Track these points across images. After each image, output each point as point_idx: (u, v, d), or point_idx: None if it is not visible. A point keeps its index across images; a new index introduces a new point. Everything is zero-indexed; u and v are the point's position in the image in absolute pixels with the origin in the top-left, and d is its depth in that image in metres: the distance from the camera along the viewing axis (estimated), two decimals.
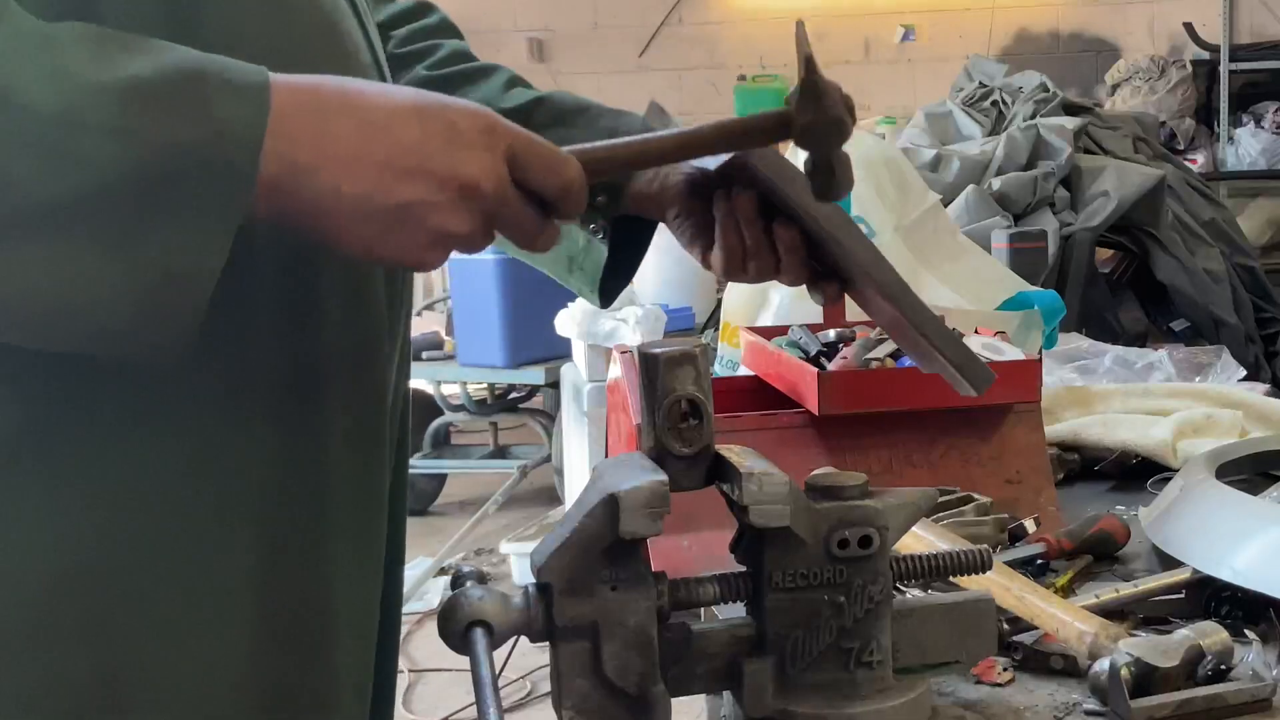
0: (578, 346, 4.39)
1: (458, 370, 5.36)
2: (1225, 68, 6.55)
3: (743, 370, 1.97)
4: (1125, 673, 1.09)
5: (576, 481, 4.47)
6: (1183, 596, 1.31)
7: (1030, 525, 1.47)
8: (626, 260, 1.20)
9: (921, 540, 1.28)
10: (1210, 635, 1.12)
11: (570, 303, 4.24)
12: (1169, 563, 1.37)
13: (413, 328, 1.23)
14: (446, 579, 2.48)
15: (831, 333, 1.83)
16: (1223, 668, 1.11)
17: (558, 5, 7.85)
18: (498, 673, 0.87)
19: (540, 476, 5.70)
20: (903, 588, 1.17)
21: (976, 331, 1.81)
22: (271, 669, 0.94)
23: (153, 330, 0.81)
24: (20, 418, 0.85)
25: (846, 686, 0.95)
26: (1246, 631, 1.23)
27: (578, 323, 4.18)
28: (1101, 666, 1.12)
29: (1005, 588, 1.22)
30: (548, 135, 1.18)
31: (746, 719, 0.96)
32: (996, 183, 3.92)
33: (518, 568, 4.83)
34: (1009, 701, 1.16)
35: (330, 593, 0.98)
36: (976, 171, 4.00)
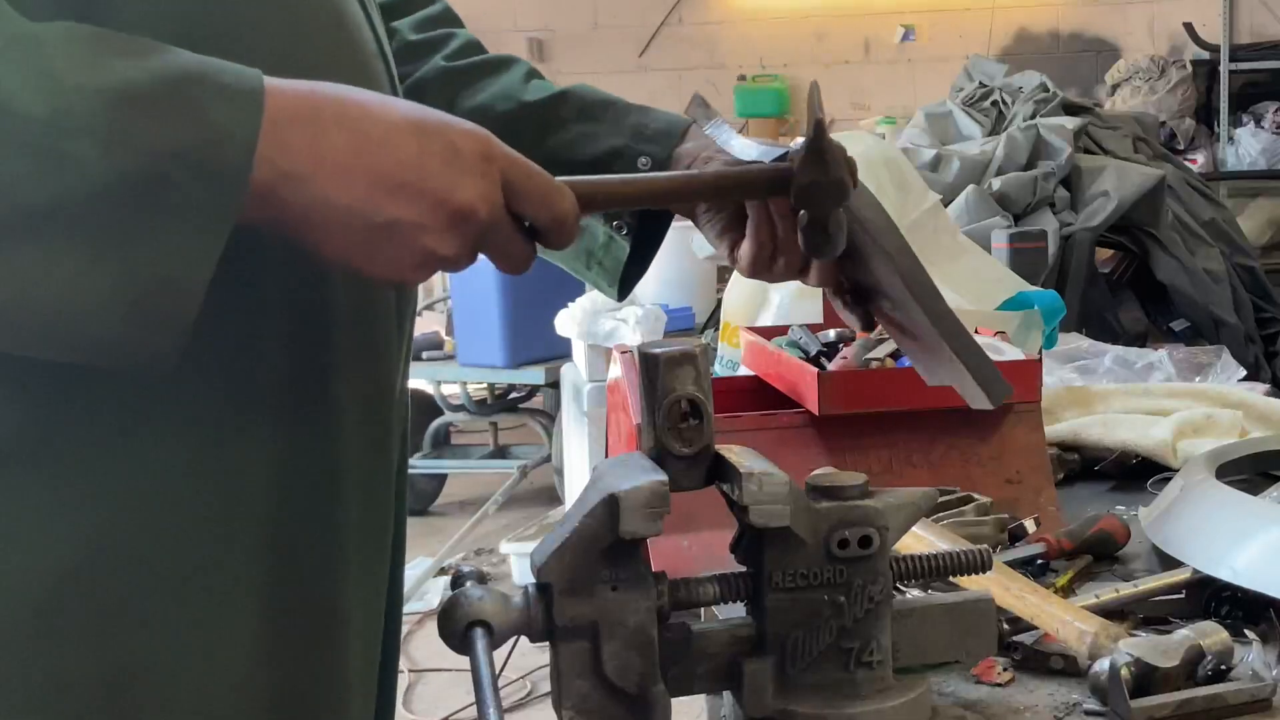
0: (578, 346, 4.39)
1: (458, 370, 5.36)
2: (1225, 68, 6.55)
3: (743, 370, 1.97)
4: (1125, 673, 1.09)
5: (576, 481, 4.47)
6: (1183, 596, 1.31)
7: (1030, 525, 1.47)
8: (643, 251, 1.19)
9: (921, 540, 1.28)
10: (1210, 635, 1.12)
11: (570, 303, 4.24)
12: (1169, 563, 1.37)
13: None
14: (446, 579, 2.48)
15: (831, 333, 1.83)
16: (1223, 668, 1.11)
17: (558, 5, 7.85)
18: (498, 673, 0.87)
19: (540, 476, 5.70)
20: (903, 588, 1.17)
21: (976, 331, 1.81)
22: (280, 669, 0.93)
23: (144, 337, 0.79)
24: (22, 418, 0.85)
25: (846, 686, 0.95)
26: (1246, 631, 1.23)
27: (578, 323, 4.18)
28: (1101, 666, 1.12)
29: (1005, 588, 1.22)
30: (573, 130, 1.17)
31: (746, 719, 0.96)
32: (996, 183, 3.92)
33: (518, 568, 4.83)
34: (1009, 701, 1.16)
35: (339, 592, 0.98)
36: (976, 171, 4.00)
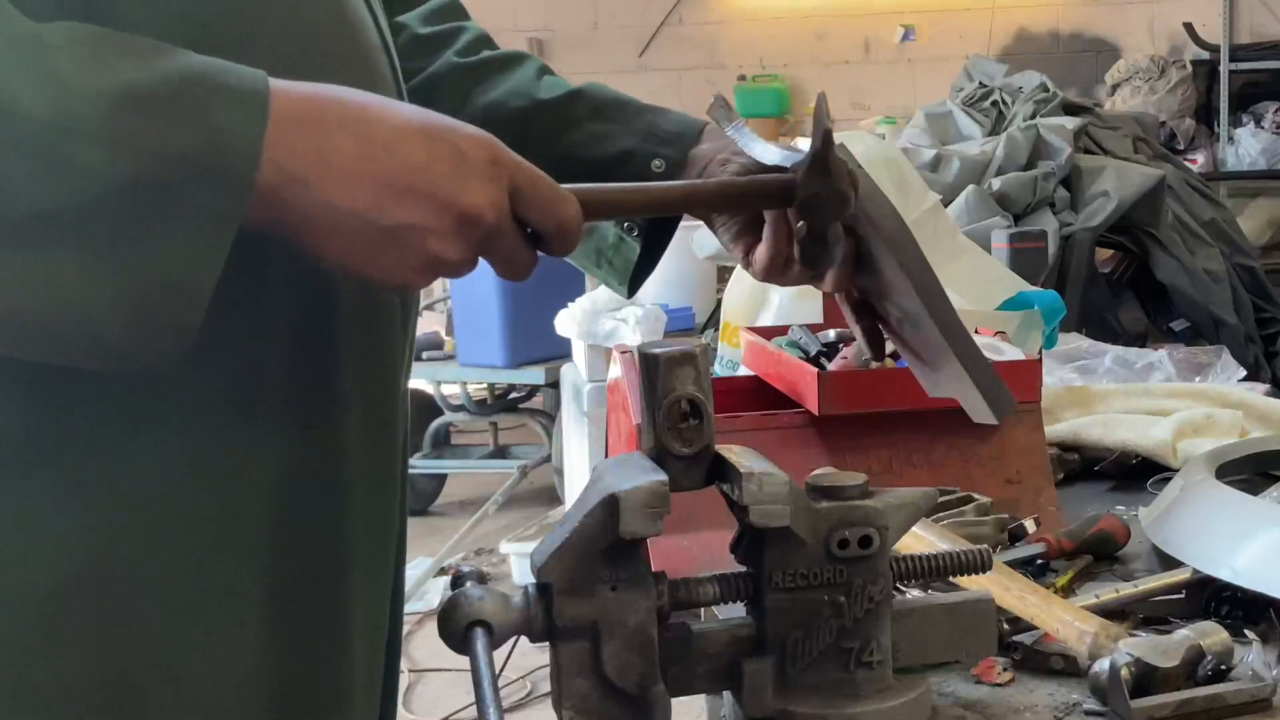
0: (578, 346, 4.39)
1: (458, 370, 5.36)
2: (1225, 68, 6.55)
3: (743, 370, 1.97)
4: (1125, 673, 1.09)
5: (576, 481, 4.47)
6: (1183, 596, 1.31)
7: (1030, 525, 1.47)
8: (652, 250, 1.19)
9: (921, 540, 1.28)
10: (1210, 635, 1.12)
11: (570, 303, 4.24)
12: (1169, 563, 1.37)
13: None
14: (446, 579, 2.47)
15: (831, 333, 1.83)
16: (1223, 668, 1.11)
17: (558, 5, 7.85)
18: (498, 673, 0.87)
19: (540, 476, 5.70)
20: (903, 588, 1.17)
21: (977, 331, 1.81)
22: (284, 669, 0.93)
23: (147, 342, 0.79)
24: (24, 420, 0.84)
25: (846, 686, 0.95)
26: (1246, 631, 1.23)
27: (578, 323, 4.18)
28: (1101, 666, 1.12)
29: (1005, 588, 1.22)
30: (586, 129, 1.16)
31: (747, 719, 0.96)
32: (996, 183, 3.92)
33: (518, 568, 4.83)
34: (1009, 701, 1.16)
35: (343, 592, 0.97)
36: (976, 171, 4.00)
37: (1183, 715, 1.08)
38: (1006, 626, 1.20)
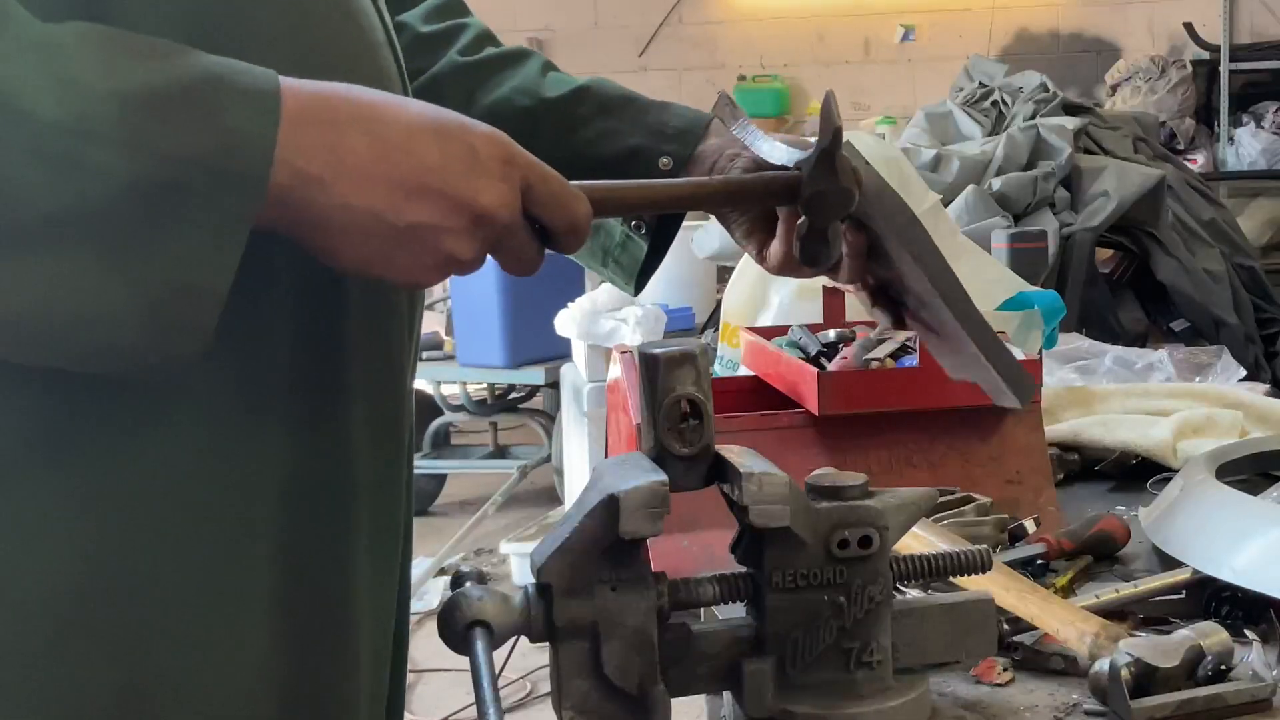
0: (578, 346, 4.39)
1: (458, 370, 5.36)
2: (1225, 68, 6.55)
3: (743, 370, 1.97)
4: (1125, 673, 1.09)
5: (576, 481, 4.47)
6: (1183, 596, 1.31)
7: (1030, 525, 1.47)
8: (658, 248, 1.19)
9: (921, 540, 1.28)
10: (1210, 635, 1.12)
11: (570, 303, 4.24)
12: (1169, 563, 1.37)
13: None
14: (446, 579, 2.48)
15: (831, 333, 1.83)
16: (1223, 668, 1.11)
17: (558, 5, 7.85)
18: (498, 673, 0.87)
19: (540, 476, 5.70)
20: (903, 588, 1.17)
21: None
22: (292, 671, 0.93)
23: (162, 344, 0.79)
24: (31, 421, 0.83)
25: (846, 687, 0.95)
26: (1246, 631, 1.23)
27: (577, 323, 4.18)
28: (1102, 667, 1.12)
29: (1005, 588, 1.22)
30: (593, 126, 1.16)
31: (747, 719, 0.96)
32: (996, 183, 3.92)
33: (518, 568, 4.83)
34: (1009, 701, 1.16)
35: (351, 593, 0.97)
36: (976, 171, 4.00)
37: (1183, 715, 1.08)
38: (1006, 626, 1.21)
